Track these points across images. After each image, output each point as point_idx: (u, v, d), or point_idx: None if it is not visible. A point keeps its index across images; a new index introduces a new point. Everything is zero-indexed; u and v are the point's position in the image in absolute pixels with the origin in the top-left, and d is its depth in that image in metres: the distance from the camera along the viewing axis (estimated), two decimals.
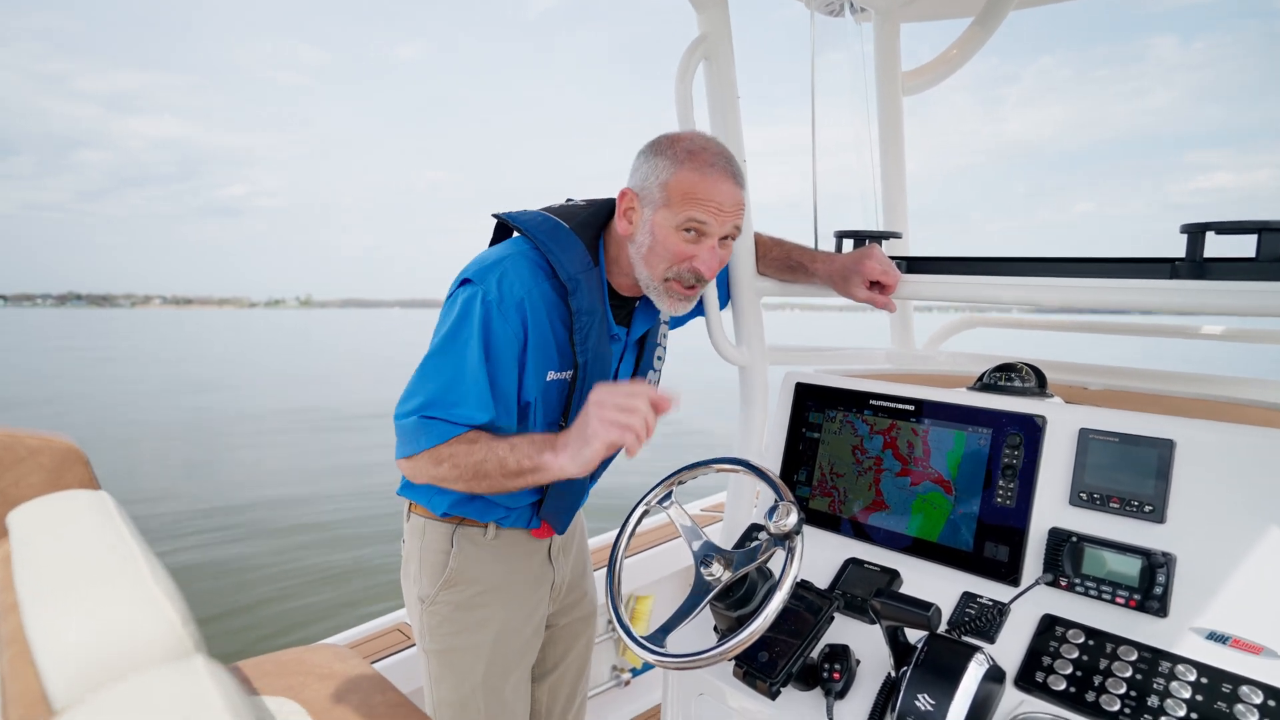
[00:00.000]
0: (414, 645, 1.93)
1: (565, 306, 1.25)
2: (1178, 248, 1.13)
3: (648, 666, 2.53)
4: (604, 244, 1.32)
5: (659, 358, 1.47)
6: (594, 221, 1.31)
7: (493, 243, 1.37)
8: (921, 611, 0.97)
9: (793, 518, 1.06)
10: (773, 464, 1.48)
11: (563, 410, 1.32)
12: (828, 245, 1.61)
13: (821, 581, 1.30)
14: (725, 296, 1.60)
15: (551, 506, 1.40)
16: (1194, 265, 1.07)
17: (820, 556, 1.34)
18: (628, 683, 2.51)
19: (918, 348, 2.00)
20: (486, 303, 1.20)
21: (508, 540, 1.44)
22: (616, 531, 1.27)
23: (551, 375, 1.28)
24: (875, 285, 1.45)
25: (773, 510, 1.08)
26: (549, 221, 1.28)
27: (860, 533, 1.33)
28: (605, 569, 1.32)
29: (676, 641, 1.10)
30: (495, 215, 1.33)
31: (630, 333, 1.39)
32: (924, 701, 0.96)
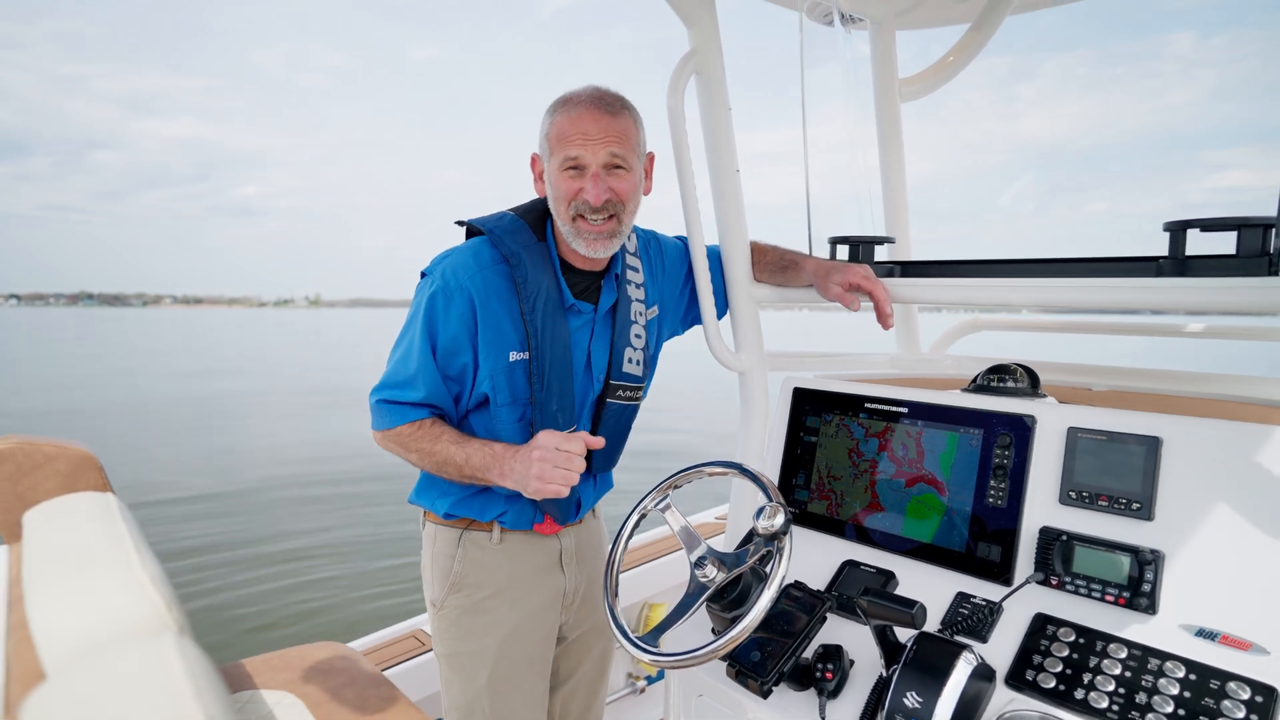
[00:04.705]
0: (428, 652, 1.97)
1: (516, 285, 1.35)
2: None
3: (663, 674, 2.54)
4: (552, 224, 1.42)
5: (638, 335, 1.48)
6: (539, 205, 1.44)
7: None
8: (906, 609, 0.98)
9: (779, 518, 1.08)
10: (772, 468, 1.50)
11: (529, 391, 1.37)
12: (822, 251, 1.63)
13: (819, 583, 1.31)
14: (723, 305, 1.62)
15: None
16: (1176, 263, 1.08)
17: (819, 559, 1.35)
18: (643, 690, 2.52)
19: (924, 351, 2.00)
20: (432, 294, 1.34)
21: (514, 544, 1.47)
22: (613, 540, 1.30)
23: (514, 356, 1.35)
24: (856, 289, 1.44)
25: (760, 512, 1.10)
26: (498, 214, 1.42)
27: (858, 535, 1.34)
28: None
29: (676, 643, 1.13)
30: (459, 222, 1.43)
31: (599, 307, 1.44)
32: (912, 699, 0.97)
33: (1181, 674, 0.92)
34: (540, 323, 1.35)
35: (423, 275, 1.39)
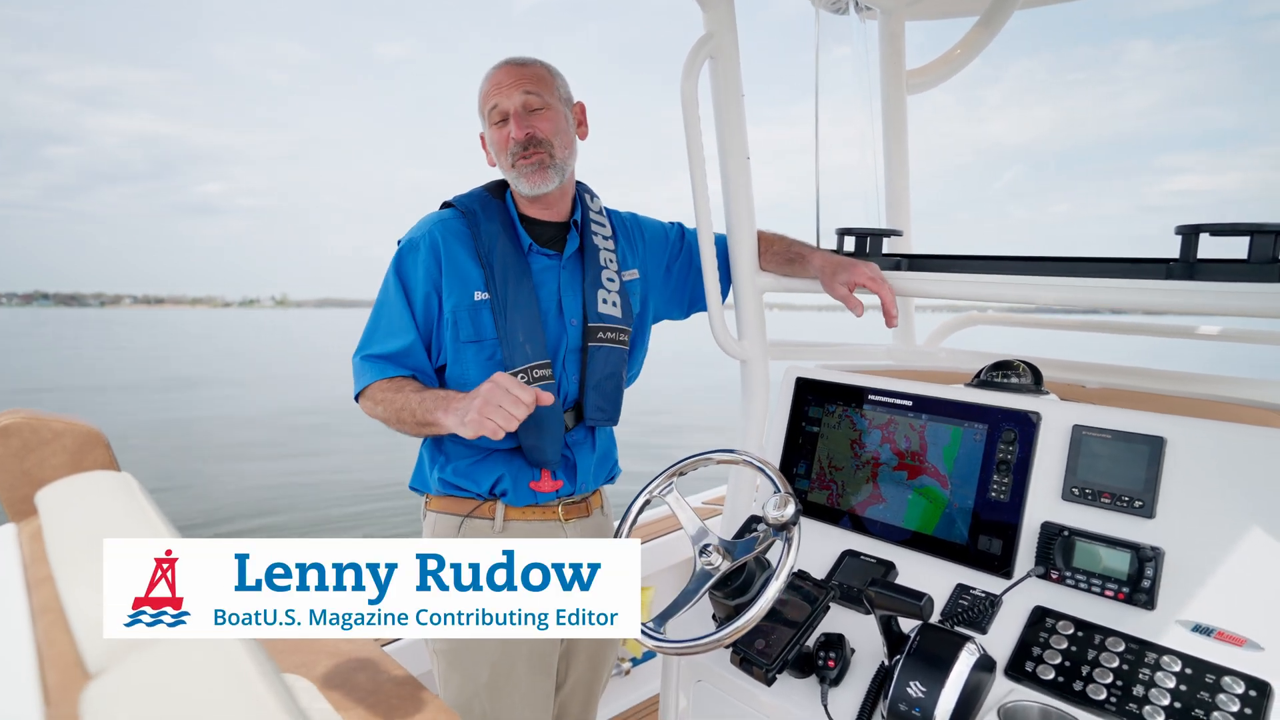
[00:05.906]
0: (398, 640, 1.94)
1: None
2: (1167, 248, 1.15)
3: (648, 656, 2.56)
4: (511, 189, 1.54)
5: (610, 279, 1.52)
6: (502, 180, 1.56)
7: None
8: (914, 601, 1.00)
9: (790, 509, 1.08)
10: (773, 457, 1.51)
11: (495, 329, 1.43)
12: (829, 243, 1.63)
13: (818, 573, 1.32)
14: (727, 287, 1.62)
15: (529, 441, 1.43)
16: (1187, 266, 1.09)
17: (818, 548, 1.36)
18: (628, 672, 2.54)
19: (919, 344, 2.01)
20: (401, 250, 1.45)
21: (517, 534, 1.45)
22: (618, 523, 1.30)
23: (478, 295, 1.43)
24: (862, 290, 1.43)
25: (770, 501, 1.11)
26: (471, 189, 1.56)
27: (857, 525, 1.36)
28: None
29: (676, 629, 1.13)
30: (444, 204, 1.54)
31: (565, 252, 1.51)
32: (915, 689, 0.98)
33: (1178, 668, 0.95)
34: (497, 262, 1.43)
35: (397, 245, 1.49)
